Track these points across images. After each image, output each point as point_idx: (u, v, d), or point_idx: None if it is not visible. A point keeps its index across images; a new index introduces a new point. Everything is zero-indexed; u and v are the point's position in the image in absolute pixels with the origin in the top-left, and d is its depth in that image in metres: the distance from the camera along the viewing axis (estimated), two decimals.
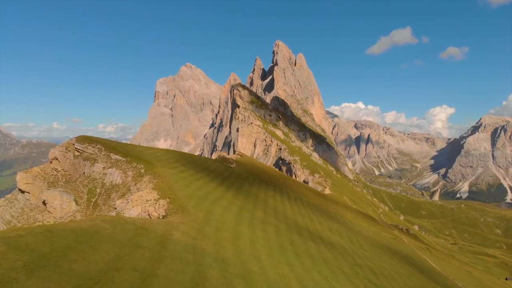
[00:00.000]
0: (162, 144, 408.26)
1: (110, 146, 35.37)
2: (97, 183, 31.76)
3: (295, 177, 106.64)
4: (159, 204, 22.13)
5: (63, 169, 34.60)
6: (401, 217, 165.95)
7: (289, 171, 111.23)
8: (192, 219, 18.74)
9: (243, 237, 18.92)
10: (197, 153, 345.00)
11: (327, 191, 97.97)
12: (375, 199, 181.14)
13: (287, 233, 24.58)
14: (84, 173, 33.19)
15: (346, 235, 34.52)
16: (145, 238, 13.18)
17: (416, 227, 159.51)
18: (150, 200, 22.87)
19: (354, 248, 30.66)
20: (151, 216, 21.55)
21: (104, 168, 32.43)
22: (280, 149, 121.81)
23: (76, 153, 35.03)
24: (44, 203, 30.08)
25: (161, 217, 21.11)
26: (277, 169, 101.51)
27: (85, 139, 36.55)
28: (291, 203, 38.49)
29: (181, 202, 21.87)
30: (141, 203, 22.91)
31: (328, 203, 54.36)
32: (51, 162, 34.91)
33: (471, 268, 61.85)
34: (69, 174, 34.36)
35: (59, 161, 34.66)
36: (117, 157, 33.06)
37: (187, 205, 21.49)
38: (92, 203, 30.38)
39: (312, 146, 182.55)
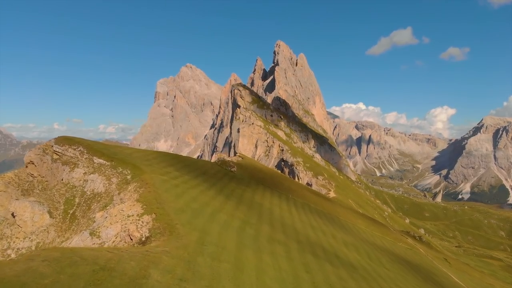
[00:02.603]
0: (163, 145, 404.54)
1: (94, 148, 31.04)
2: (76, 191, 27.46)
3: (298, 179, 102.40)
4: (142, 222, 17.81)
5: (39, 175, 30.34)
6: (407, 220, 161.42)
7: (292, 173, 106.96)
8: (181, 245, 14.41)
9: (248, 268, 14.59)
10: (197, 153, 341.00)
11: (332, 194, 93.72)
12: (378, 201, 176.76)
13: (299, 254, 20.25)
14: (62, 179, 28.95)
15: (363, 250, 30.22)
16: (106, 287, 8.85)
17: (422, 231, 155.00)
18: (133, 215, 18.57)
19: (375, 267, 26.34)
20: (131, 237, 17.23)
21: (85, 173, 28.13)
22: (282, 150, 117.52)
23: (55, 156, 30.76)
24: (13, 215, 25.90)
25: (144, 238, 16.79)
26: (280, 172, 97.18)
27: (65, 140, 32.20)
28: (299, 212, 34.13)
29: (169, 219, 17.54)
30: (121, 219, 18.61)
31: (336, 209, 50.00)
32: (26, 167, 30.66)
33: (492, 278, 57.46)
34: (47, 181, 30.11)
35: (35, 166, 30.39)
36: (101, 161, 28.77)
37: (176, 223, 17.16)
38: (69, 215, 26.10)
39: (314, 147, 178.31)
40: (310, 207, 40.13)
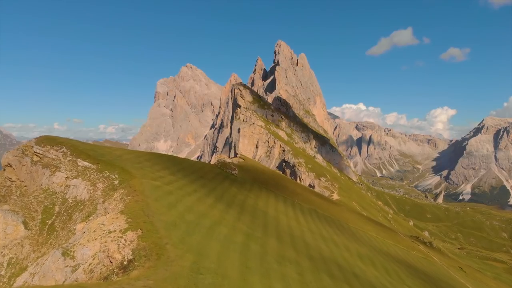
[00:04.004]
0: (162, 145, 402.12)
1: (79, 149, 27.75)
2: (57, 198, 24.22)
3: (300, 180, 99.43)
4: (125, 240, 14.61)
5: (18, 179, 27.14)
6: (411, 223, 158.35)
7: (293, 174, 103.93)
8: (171, 275, 11.21)
9: None
10: (197, 154, 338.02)
11: (335, 196, 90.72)
12: (379, 202, 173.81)
13: (314, 276, 17.07)
14: (42, 184, 25.76)
15: (379, 263, 27.05)
16: None
17: (426, 233, 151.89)
18: (115, 231, 15.38)
19: (396, 284, 23.18)
20: (111, 260, 14.04)
21: (67, 178, 24.90)
22: (284, 151, 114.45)
23: (35, 158, 27.55)
24: None
25: (126, 261, 13.60)
26: (282, 173, 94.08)
27: (47, 140, 28.93)
28: (307, 220, 30.93)
29: (158, 237, 14.33)
30: (100, 236, 15.43)
31: (344, 215, 46.83)
32: (4, 170, 27.49)
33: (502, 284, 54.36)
34: (26, 186, 26.91)
35: (13, 169, 27.21)
36: (86, 163, 25.53)
37: (166, 242, 13.95)
38: (47, 226, 22.85)
39: (316, 147, 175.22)
40: (317, 213, 36.94)
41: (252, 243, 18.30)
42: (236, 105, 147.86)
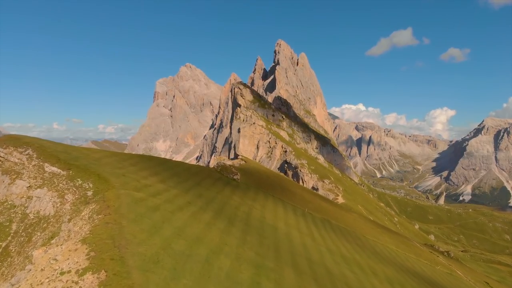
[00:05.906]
0: (161, 145, 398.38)
1: (47, 151, 22.75)
2: (15, 213, 19.40)
3: (303, 183, 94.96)
4: (81, 287, 9.86)
5: None
6: (416, 226, 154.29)
7: (296, 176, 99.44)
8: None
9: None
10: (196, 154, 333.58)
11: (340, 200, 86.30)
12: (381, 204, 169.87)
13: None
14: None
15: None
16: None
17: (431, 237, 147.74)
18: (69, 271, 10.64)
19: None
20: None
21: (29, 187, 20.09)
22: (286, 151, 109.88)
23: None
24: None
25: None
26: (286, 176, 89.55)
27: (10, 141, 23.98)
28: (322, 236, 26.18)
29: (128, 285, 9.55)
30: (49, 279, 10.68)
31: (358, 224, 42.15)
32: None
33: None
34: None
35: None
36: (54, 169, 20.71)
37: None
38: (0, 249, 18.11)
39: (317, 148, 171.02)
40: (331, 224, 32.21)
41: (264, 280, 13.51)
42: (236, 105, 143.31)
